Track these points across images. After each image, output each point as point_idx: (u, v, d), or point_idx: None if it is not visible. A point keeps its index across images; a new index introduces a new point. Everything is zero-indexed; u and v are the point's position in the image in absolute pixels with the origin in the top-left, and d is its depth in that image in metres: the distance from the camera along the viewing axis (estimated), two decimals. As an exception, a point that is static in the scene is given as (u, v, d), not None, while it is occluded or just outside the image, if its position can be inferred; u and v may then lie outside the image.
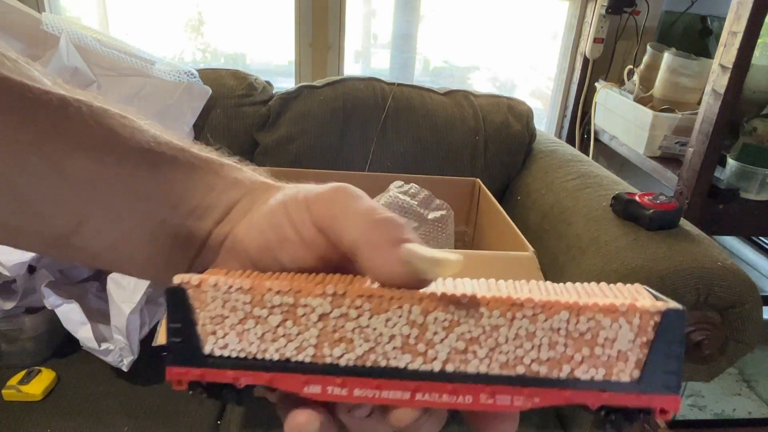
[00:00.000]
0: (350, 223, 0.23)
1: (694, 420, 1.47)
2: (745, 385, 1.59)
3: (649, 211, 0.84)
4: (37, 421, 0.75)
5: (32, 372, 0.81)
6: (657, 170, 1.32)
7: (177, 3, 1.71)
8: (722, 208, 1.20)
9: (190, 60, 1.79)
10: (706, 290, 0.76)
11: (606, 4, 1.53)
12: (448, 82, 1.94)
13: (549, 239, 0.98)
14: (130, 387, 0.81)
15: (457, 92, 1.30)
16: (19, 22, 1.05)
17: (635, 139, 1.40)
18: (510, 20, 1.84)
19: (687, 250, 0.80)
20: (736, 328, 0.78)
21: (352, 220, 0.23)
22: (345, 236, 0.23)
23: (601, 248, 0.85)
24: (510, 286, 0.24)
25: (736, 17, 1.05)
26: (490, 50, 1.90)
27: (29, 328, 0.83)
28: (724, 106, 1.09)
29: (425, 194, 1.01)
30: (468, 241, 1.17)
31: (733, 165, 1.21)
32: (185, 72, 1.15)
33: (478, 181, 1.15)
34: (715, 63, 1.10)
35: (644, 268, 0.78)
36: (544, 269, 0.81)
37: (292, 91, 1.23)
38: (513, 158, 1.26)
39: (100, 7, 1.61)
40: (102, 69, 1.09)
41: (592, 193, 0.99)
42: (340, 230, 0.23)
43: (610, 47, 1.63)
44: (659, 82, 1.41)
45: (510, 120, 1.27)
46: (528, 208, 1.12)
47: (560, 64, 1.75)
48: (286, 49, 1.60)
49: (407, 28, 1.72)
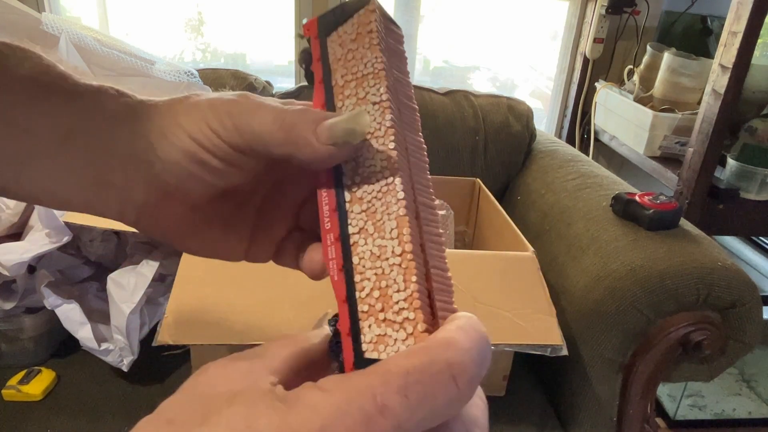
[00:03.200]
0: (269, 137, 0.24)
1: (694, 420, 1.47)
2: (745, 385, 1.59)
3: (649, 211, 0.84)
4: (37, 421, 0.75)
5: (32, 372, 0.81)
6: (657, 170, 1.32)
7: (177, 3, 1.71)
8: (722, 208, 1.20)
9: (190, 60, 1.79)
10: (706, 290, 0.76)
11: (606, 4, 1.53)
12: (448, 82, 1.94)
13: (549, 239, 0.98)
14: (130, 387, 0.81)
15: (457, 92, 1.30)
16: (19, 22, 1.05)
17: (635, 139, 1.40)
18: (510, 20, 1.84)
19: (687, 250, 0.80)
20: (736, 328, 0.78)
21: (269, 134, 0.24)
22: (267, 149, 0.24)
23: (601, 248, 0.85)
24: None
25: (736, 17, 1.05)
26: (490, 50, 1.90)
27: (29, 328, 0.83)
28: (724, 106, 1.09)
29: (425, 194, 1.01)
30: (468, 241, 1.17)
31: (733, 165, 1.21)
32: (185, 72, 1.15)
33: (478, 181, 1.15)
34: (715, 63, 1.10)
35: (644, 268, 0.78)
36: (544, 269, 0.81)
37: (292, 91, 1.23)
38: (513, 158, 1.26)
39: (100, 7, 1.61)
40: (102, 69, 1.09)
41: (592, 193, 0.99)
42: (260, 146, 0.24)
43: (610, 47, 1.63)
44: (659, 82, 1.41)
45: (510, 120, 1.27)
46: (528, 208, 1.12)
47: (560, 64, 1.75)
48: (286, 49, 1.60)
49: (407, 28, 1.72)
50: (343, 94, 0.25)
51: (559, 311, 0.77)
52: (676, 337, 0.76)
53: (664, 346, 0.77)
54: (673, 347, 0.77)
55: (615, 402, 0.82)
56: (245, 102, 0.24)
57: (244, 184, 0.27)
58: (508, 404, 0.83)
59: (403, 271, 0.21)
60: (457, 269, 0.79)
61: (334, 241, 0.23)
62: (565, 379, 0.86)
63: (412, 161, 0.25)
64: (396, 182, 0.22)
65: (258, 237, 0.30)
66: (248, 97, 0.25)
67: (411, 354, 0.18)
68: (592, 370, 0.81)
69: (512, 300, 0.75)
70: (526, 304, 0.75)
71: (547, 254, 0.94)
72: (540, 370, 0.92)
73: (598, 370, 0.80)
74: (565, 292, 0.87)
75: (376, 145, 0.24)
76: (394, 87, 0.25)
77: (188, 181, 0.26)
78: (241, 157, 0.25)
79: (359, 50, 0.25)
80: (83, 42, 1.07)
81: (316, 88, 0.26)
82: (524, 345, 0.72)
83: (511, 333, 0.73)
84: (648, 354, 0.78)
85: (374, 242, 0.22)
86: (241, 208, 0.29)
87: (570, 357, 0.74)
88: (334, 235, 0.23)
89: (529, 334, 0.73)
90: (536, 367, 0.93)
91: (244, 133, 0.24)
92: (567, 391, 0.86)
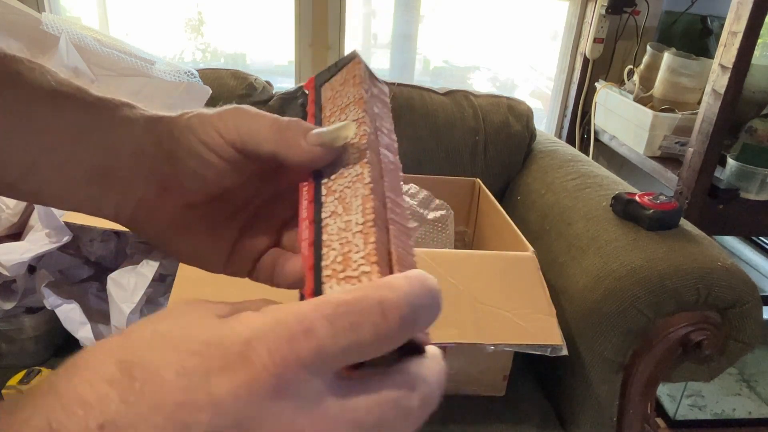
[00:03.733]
0: (264, 136, 0.27)
1: (694, 420, 1.47)
2: (745, 385, 1.59)
3: (649, 211, 0.84)
4: (37, 421, 0.75)
5: (32, 372, 0.81)
6: (657, 170, 1.32)
7: (177, 3, 1.71)
8: (722, 208, 1.20)
9: (190, 60, 1.79)
10: (706, 290, 0.76)
11: (606, 4, 1.53)
12: (448, 82, 1.94)
13: (549, 239, 0.98)
14: (130, 387, 0.81)
15: (457, 92, 1.30)
16: (19, 22, 1.05)
17: (635, 139, 1.40)
18: (510, 20, 1.84)
19: (687, 250, 0.80)
20: (736, 328, 0.78)
21: (264, 134, 0.27)
22: (262, 148, 0.27)
23: (601, 248, 0.85)
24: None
25: (736, 17, 1.05)
26: (490, 50, 1.91)
27: (29, 328, 0.83)
28: (724, 106, 1.09)
29: (425, 194, 1.01)
30: (468, 241, 1.17)
31: (733, 165, 1.21)
32: (185, 72, 1.15)
33: (478, 181, 1.15)
34: (715, 63, 1.10)
35: (644, 268, 0.78)
36: (544, 269, 0.81)
37: (291, 91, 1.23)
38: (513, 158, 1.26)
39: (100, 7, 1.61)
40: (102, 69, 1.09)
41: (592, 193, 0.99)
42: (256, 145, 0.27)
43: (610, 47, 1.63)
44: (659, 82, 1.41)
45: (510, 120, 1.27)
46: (528, 208, 1.12)
47: (560, 64, 1.75)
48: (286, 49, 1.60)
49: (407, 28, 1.73)
50: (329, 121, 0.29)
51: (559, 311, 0.77)
52: (676, 337, 0.76)
53: (664, 346, 0.77)
54: (673, 347, 0.77)
55: (615, 402, 0.82)
56: (247, 109, 0.28)
57: (237, 192, 0.30)
58: (508, 404, 0.83)
59: (363, 236, 0.23)
60: (457, 269, 0.79)
61: (309, 224, 0.25)
62: (565, 379, 0.86)
63: (386, 168, 0.28)
64: (364, 173, 0.25)
65: (240, 249, 0.32)
66: (249, 107, 0.28)
67: (348, 290, 0.18)
68: (592, 370, 0.81)
69: (512, 300, 0.75)
70: (526, 304, 0.75)
71: (547, 254, 0.94)
72: (540, 370, 0.92)
73: (598, 370, 0.80)
74: (565, 292, 0.87)
75: (351, 150, 0.27)
76: (373, 115, 0.29)
77: (188, 177, 0.29)
78: (236, 155, 0.28)
79: (345, 89, 0.30)
80: (83, 42, 1.07)
81: (308, 120, 0.31)
82: (524, 345, 0.72)
83: (511, 333, 0.73)
84: (648, 354, 0.78)
85: (342, 219, 0.24)
86: (230, 218, 0.32)
87: (570, 357, 0.74)
88: (309, 219, 0.25)
89: (529, 334, 0.73)
90: (536, 367, 0.93)
91: (242, 133, 0.27)
92: (567, 391, 0.86)
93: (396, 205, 0.26)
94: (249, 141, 0.27)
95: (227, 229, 0.32)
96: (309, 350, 0.17)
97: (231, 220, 0.32)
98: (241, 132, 0.27)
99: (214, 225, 0.31)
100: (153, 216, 0.30)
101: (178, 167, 0.28)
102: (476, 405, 0.82)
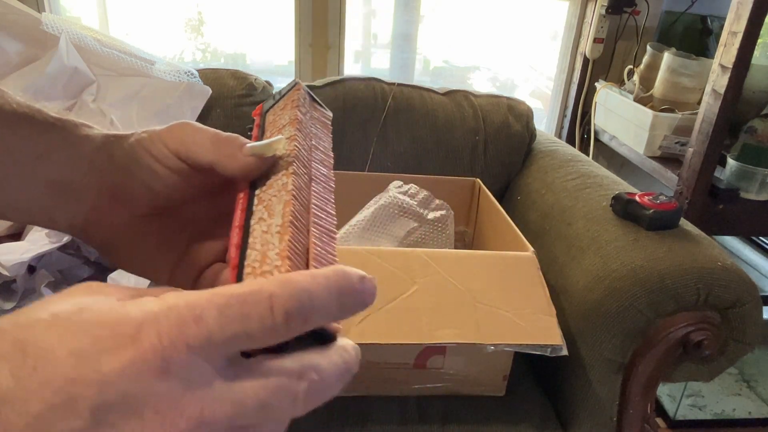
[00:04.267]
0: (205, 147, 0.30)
1: (694, 420, 1.47)
2: (745, 385, 1.59)
3: (649, 211, 0.84)
4: (37, 421, 0.75)
5: (32, 372, 0.81)
6: (657, 170, 1.32)
7: (177, 3, 1.71)
8: (722, 208, 1.20)
9: (190, 60, 1.79)
10: (706, 290, 0.76)
11: (606, 4, 1.53)
12: (448, 82, 1.94)
13: (549, 239, 0.98)
14: (130, 387, 0.81)
15: (457, 92, 1.30)
16: (19, 22, 1.05)
17: (635, 139, 1.40)
18: (510, 20, 1.84)
19: (687, 250, 0.80)
20: (736, 328, 0.78)
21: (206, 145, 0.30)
22: (203, 158, 0.30)
23: (601, 248, 0.85)
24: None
25: (736, 17, 1.05)
26: (490, 50, 1.91)
27: (29, 328, 0.83)
28: (724, 106, 1.09)
29: (425, 194, 1.01)
30: (468, 241, 1.17)
31: (733, 165, 1.21)
32: (185, 72, 1.15)
33: (478, 181, 1.15)
34: (715, 63, 1.10)
35: (644, 268, 0.78)
36: (544, 269, 0.81)
37: (292, 91, 1.23)
38: (513, 158, 1.26)
39: (100, 7, 1.62)
40: (102, 69, 1.09)
41: (592, 193, 0.99)
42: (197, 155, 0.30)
43: (610, 47, 1.63)
44: (659, 82, 1.41)
45: (510, 120, 1.27)
46: (528, 208, 1.12)
47: (560, 64, 1.75)
48: (286, 49, 1.60)
49: (407, 28, 1.73)
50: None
51: (559, 311, 0.77)
52: (676, 337, 0.76)
53: (664, 346, 0.77)
54: (673, 347, 0.77)
55: (615, 402, 0.82)
56: (192, 123, 0.31)
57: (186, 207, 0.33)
58: (508, 404, 0.83)
59: (279, 235, 0.25)
60: (457, 269, 0.79)
61: (238, 231, 0.27)
62: (565, 379, 0.86)
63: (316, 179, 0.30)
64: (289, 182, 0.28)
65: (186, 261, 0.34)
66: (195, 123, 0.31)
67: (244, 284, 0.20)
68: (592, 370, 0.81)
69: (512, 300, 0.75)
70: (526, 304, 0.75)
71: (547, 254, 0.94)
72: (540, 370, 0.92)
73: (598, 370, 0.80)
74: (565, 292, 0.87)
75: (281, 163, 0.30)
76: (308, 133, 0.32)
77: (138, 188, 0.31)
78: (180, 165, 0.31)
79: (284, 113, 0.33)
80: (83, 42, 1.07)
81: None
82: (524, 345, 0.72)
83: (511, 333, 0.73)
84: (648, 354, 0.78)
85: (266, 223, 0.26)
86: (178, 231, 0.34)
87: (570, 357, 0.74)
88: (239, 226, 0.27)
89: (529, 334, 0.73)
90: (536, 367, 0.93)
91: (186, 143, 0.30)
92: (567, 391, 0.86)
93: (322, 211, 0.28)
94: (191, 151, 0.30)
95: (175, 242, 0.33)
96: (197, 336, 0.18)
97: (179, 233, 0.34)
98: (185, 142, 0.30)
99: (163, 237, 0.33)
100: (103, 225, 0.32)
101: (128, 179, 0.31)
102: (476, 405, 0.82)
